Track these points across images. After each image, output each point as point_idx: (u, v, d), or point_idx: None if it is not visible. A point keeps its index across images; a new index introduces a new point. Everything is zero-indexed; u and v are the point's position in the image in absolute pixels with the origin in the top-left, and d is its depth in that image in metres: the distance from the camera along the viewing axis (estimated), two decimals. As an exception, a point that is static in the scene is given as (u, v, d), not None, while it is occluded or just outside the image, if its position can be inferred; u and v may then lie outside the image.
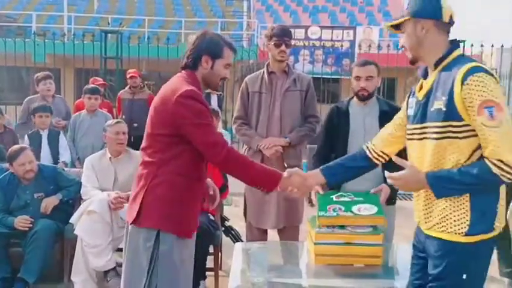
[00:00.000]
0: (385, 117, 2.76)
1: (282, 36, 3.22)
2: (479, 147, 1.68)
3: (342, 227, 2.34)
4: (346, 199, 2.45)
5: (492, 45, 9.03)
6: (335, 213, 2.34)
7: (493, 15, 53.35)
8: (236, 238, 3.83)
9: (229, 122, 10.65)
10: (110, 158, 3.64)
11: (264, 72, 3.34)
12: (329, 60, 12.47)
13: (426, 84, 1.83)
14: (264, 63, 3.45)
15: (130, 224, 2.11)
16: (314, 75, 6.42)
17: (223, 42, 2.15)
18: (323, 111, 3.57)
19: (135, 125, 5.51)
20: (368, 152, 2.13)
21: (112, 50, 9.16)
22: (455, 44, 1.82)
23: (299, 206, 3.35)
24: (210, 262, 3.51)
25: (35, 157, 3.76)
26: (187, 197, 2.09)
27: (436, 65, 1.79)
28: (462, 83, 1.64)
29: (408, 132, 1.89)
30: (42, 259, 3.40)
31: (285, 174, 2.17)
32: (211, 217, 3.51)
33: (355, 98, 2.99)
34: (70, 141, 4.89)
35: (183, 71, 2.17)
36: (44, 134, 4.62)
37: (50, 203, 3.58)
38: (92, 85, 5.39)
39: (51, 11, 18.00)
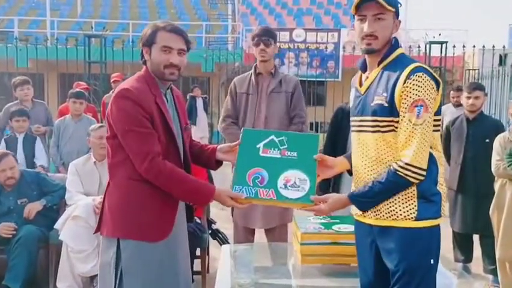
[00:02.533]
0: None
1: (261, 35, 3.25)
2: None
3: (328, 226, 2.35)
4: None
5: (474, 46, 9.17)
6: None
7: (474, 16, 54.21)
8: (223, 241, 3.82)
9: (215, 126, 10.66)
10: (94, 162, 3.62)
11: (251, 73, 3.37)
12: (314, 63, 12.53)
13: (368, 78, 1.88)
14: (249, 66, 3.47)
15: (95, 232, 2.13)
16: (300, 78, 6.44)
17: (157, 27, 1.99)
18: (309, 113, 3.58)
19: None
20: None
21: (96, 54, 9.09)
22: (396, 42, 1.87)
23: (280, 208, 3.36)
24: (197, 265, 3.50)
25: None
26: (143, 201, 1.96)
27: (380, 61, 1.84)
28: (405, 81, 1.73)
29: (351, 123, 1.96)
30: (26, 266, 3.35)
31: (219, 190, 2.00)
32: (198, 220, 3.51)
33: None
34: (53, 147, 4.84)
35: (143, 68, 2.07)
36: (20, 138, 4.60)
37: (33, 208, 3.54)
38: (77, 89, 5.35)
39: (34, 15, 17.81)
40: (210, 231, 3.78)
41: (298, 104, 3.35)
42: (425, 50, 9.35)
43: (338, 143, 3.05)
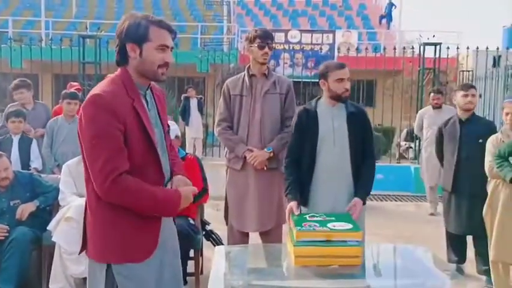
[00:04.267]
0: (353, 118, 2.82)
1: (266, 38, 3.24)
2: None
3: (323, 223, 2.35)
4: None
5: (468, 48, 9.20)
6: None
7: (468, 18, 54.48)
8: (217, 242, 3.81)
9: (210, 126, 10.64)
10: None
11: (244, 75, 3.36)
12: (308, 64, 12.57)
13: None
14: (244, 67, 3.46)
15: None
16: (294, 79, 6.45)
17: (148, 22, 1.80)
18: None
19: None
20: None
21: (91, 55, 9.07)
22: None
23: (283, 205, 3.36)
24: (190, 267, 3.49)
25: None
26: (127, 220, 1.79)
27: None
28: None
29: None
30: (19, 267, 3.33)
31: (179, 189, 1.87)
32: (191, 221, 3.50)
33: (324, 100, 2.90)
34: (46, 148, 4.79)
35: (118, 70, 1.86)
36: (16, 139, 4.57)
37: (26, 209, 3.52)
38: (72, 90, 5.33)
39: (28, 16, 17.75)
40: (203, 233, 3.78)
41: (291, 106, 3.36)
42: (419, 51, 9.37)
43: (305, 145, 2.86)
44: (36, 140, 4.77)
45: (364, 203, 2.83)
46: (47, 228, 3.43)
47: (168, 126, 2.03)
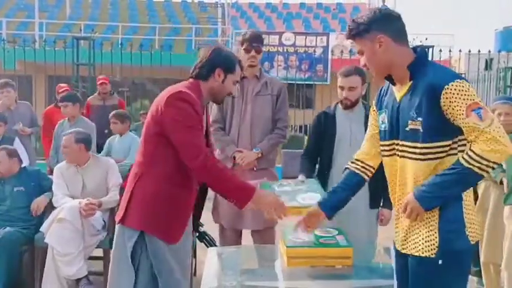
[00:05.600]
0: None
1: (252, 42, 3.26)
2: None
3: (292, 195, 2.37)
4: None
5: (460, 51, 9.27)
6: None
7: (461, 22, 54.89)
8: (210, 243, 3.81)
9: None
10: (76, 166, 3.61)
11: None
12: (302, 66, 12.61)
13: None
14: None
15: (118, 223, 2.17)
16: (289, 81, 6.50)
17: (236, 60, 2.24)
18: (297, 116, 3.63)
19: (106, 131, 5.46)
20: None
21: (85, 56, 9.05)
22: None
23: None
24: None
25: None
26: (174, 202, 2.12)
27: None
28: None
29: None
30: (7, 269, 3.34)
31: (260, 192, 2.20)
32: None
33: (340, 104, 3.08)
34: (52, 149, 4.91)
35: (189, 80, 2.21)
36: None
37: (41, 203, 3.59)
38: (61, 92, 5.35)
39: (22, 17, 17.69)
40: (197, 234, 3.78)
41: (283, 107, 3.38)
42: (413, 54, 9.43)
43: (323, 147, 3.06)
44: (19, 138, 4.75)
45: (378, 205, 3.03)
46: (40, 229, 3.43)
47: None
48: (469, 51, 9.48)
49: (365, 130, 2.77)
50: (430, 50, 9.09)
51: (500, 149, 1.64)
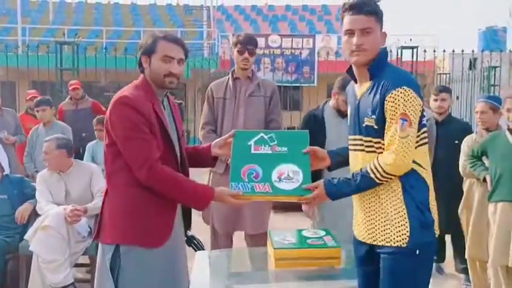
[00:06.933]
0: None
1: (246, 44, 3.26)
2: None
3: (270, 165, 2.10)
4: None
5: (444, 51, 9.38)
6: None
7: (445, 22, 55.56)
8: (198, 247, 3.78)
9: (192, 132, 10.60)
10: (59, 172, 3.56)
11: (228, 78, 3.37)
12: (289, 68, 12.64)
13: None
14: (225, 72, 3.48)
15: (94, 240, 2.14)
16: (275, 83, 6.45)
17: (157, 36, 2.03)
18: (285, 118, 3.62)
19: (84, 134, 5.41)
20: None
21: (69, 61, 8.96)
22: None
23: (266, 212, 3.37)
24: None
25: None
26: (142, 207, 1.98)
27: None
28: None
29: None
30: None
31: (218, 190, 2.03)
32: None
33: (330, 105, 3.07)
34: (27, 156, 4.82)
35: (140, 76, 2.11)
36: None
37: (25, 211, 3.54)
38: (42, 97, 5.32)
39: (5, 22, 17.44)
40: (185, 238, 3.75)
41: (275, 108, 3.38)
42: (397, 55, 9.52)
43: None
44: (2, 146, 4.71)
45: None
46: (24, 237, 3.37)
47: (182, 131, 2.22)
48: (453, 51, 9.60)
49: None
50: (415, 50, 9.18)
51: (400, 164, 1.78)
